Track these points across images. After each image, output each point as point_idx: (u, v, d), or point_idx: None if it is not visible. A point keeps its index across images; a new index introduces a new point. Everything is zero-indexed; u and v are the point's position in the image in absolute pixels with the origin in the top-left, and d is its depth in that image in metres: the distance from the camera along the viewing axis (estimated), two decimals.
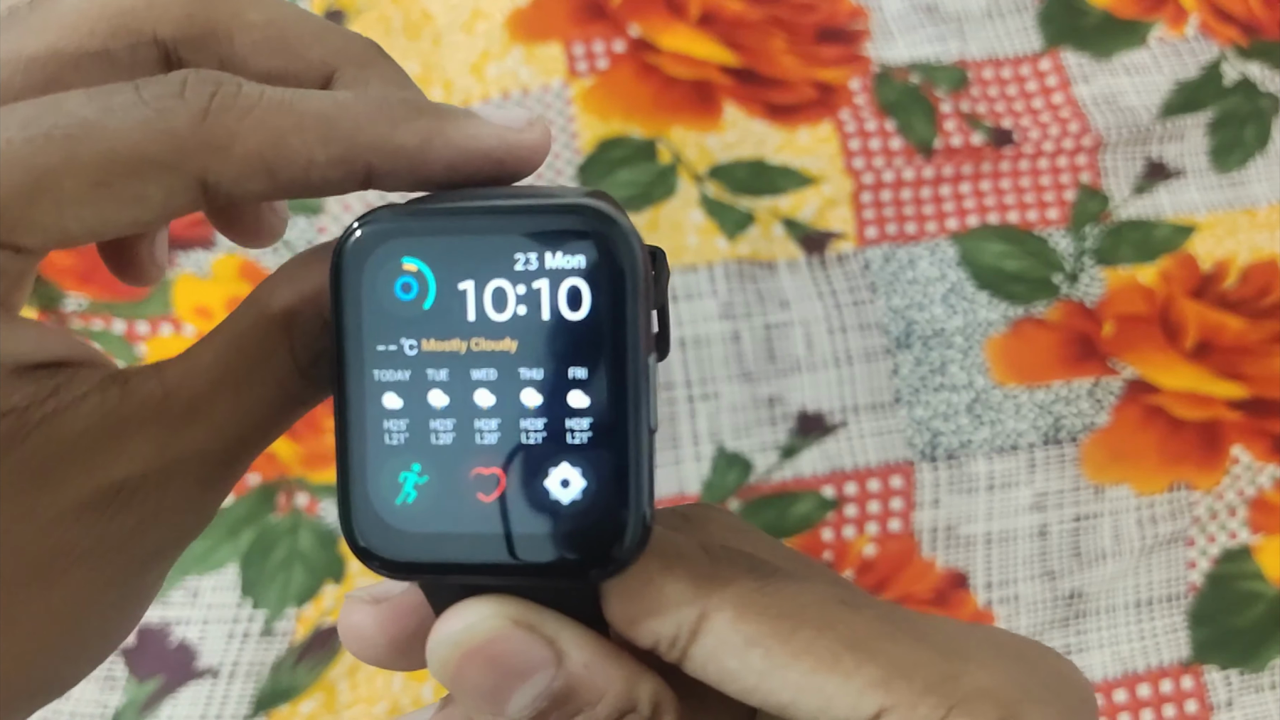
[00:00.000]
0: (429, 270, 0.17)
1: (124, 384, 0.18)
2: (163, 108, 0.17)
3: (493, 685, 0.17)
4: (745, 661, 0.18)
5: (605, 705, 0.18)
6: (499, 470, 0.17)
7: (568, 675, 0.18)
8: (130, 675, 0.47)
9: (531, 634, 0.18)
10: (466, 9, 0.61)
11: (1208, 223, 0.58)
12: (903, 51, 0.61)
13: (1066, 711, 0.18)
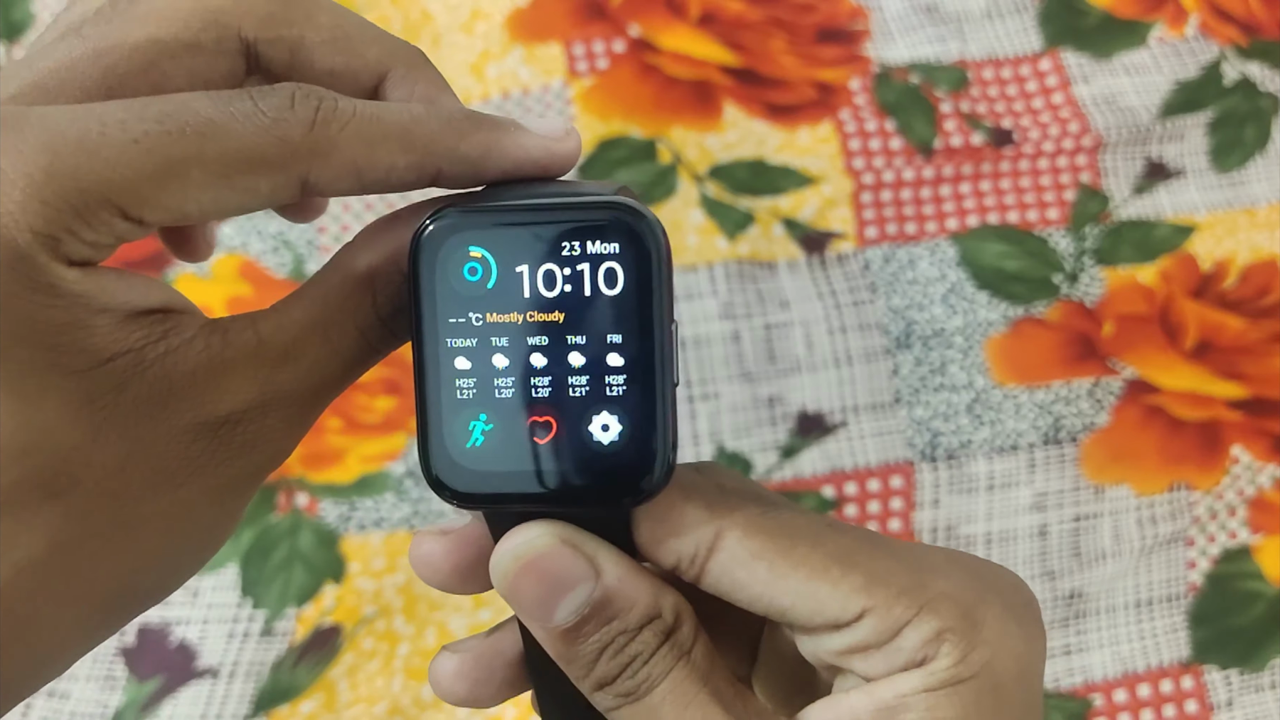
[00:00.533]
0: (491, 256, 0.21)
1: (224, 332, 0.20)
2: (278, 117, 0.20)
3: (543, 595, 0.21)
4: (752, 572, 0.22)
5: (635, 613, 0.21)
6: (552, 418, 0.21)
7: (604, 588, 0.21)
8: (130, 675, 0.47)
9: (575, 552, 0.21)
10: (466, 9, 0.61)
11: (1208, 223, 0.58)
12: (903, 52, 0.61)
13: (1013, 609, 0.22)
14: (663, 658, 0.21)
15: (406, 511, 0.50)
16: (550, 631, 0.21)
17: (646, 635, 0.21)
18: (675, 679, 0.21)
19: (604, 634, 0.21)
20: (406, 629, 0.49)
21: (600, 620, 0.21)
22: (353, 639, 0.49)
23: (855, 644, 0.22)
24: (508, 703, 0.47)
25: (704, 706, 0.21)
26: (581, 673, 0.22)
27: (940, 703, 0.21)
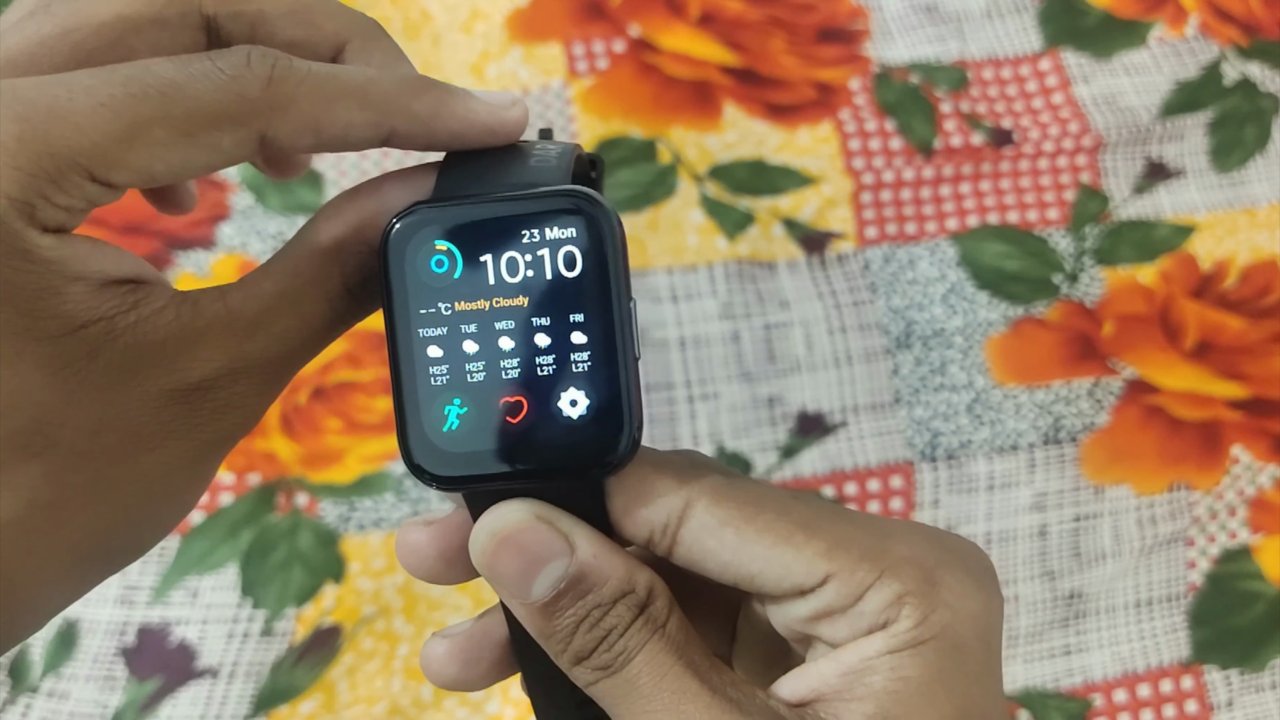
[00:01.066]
0: (456, 249, 0.21)
1: (194, 303, 0.21)
2: (235, 75, 0.21)
3: (520, 569, 0.22)
4: (720, 539, 0.22)
5: (609, 588, 0.22)
6: (522, 398, 0.21)
7: (579, 563, 0.22)
8: (130, 675, 0.47)
9: (550, 527, 0.22)
10: (466, 9, 0.61)
11: (1208, 223, 0.58)
12: (903, 51, 0.61)
13: (972, 572, 0.23)
14: (638, 631, 0.22)
15: (406, 511, 0.50)
16: (529, 607, 0.22)
17: (620, 609, 0.22)
18: (651, 651, 0.22)
19: (579, 608, 0.22)
20: (406, 629, 0.49)
21: (575, 594, 0.22)
22: (352, 639, 0.49)
23: (820, 609, 0.22)
24: (507, 703, 0.47)
25: (680, 678, 0.22)
26: (560, 648, 0.22)
27: (904, 663, 0.22)
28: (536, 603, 0.22)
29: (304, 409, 0.52)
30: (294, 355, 0.23)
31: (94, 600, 0.48)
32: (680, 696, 0.22)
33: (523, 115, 0.24)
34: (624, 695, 0.22)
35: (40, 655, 0.47)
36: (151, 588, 0.49)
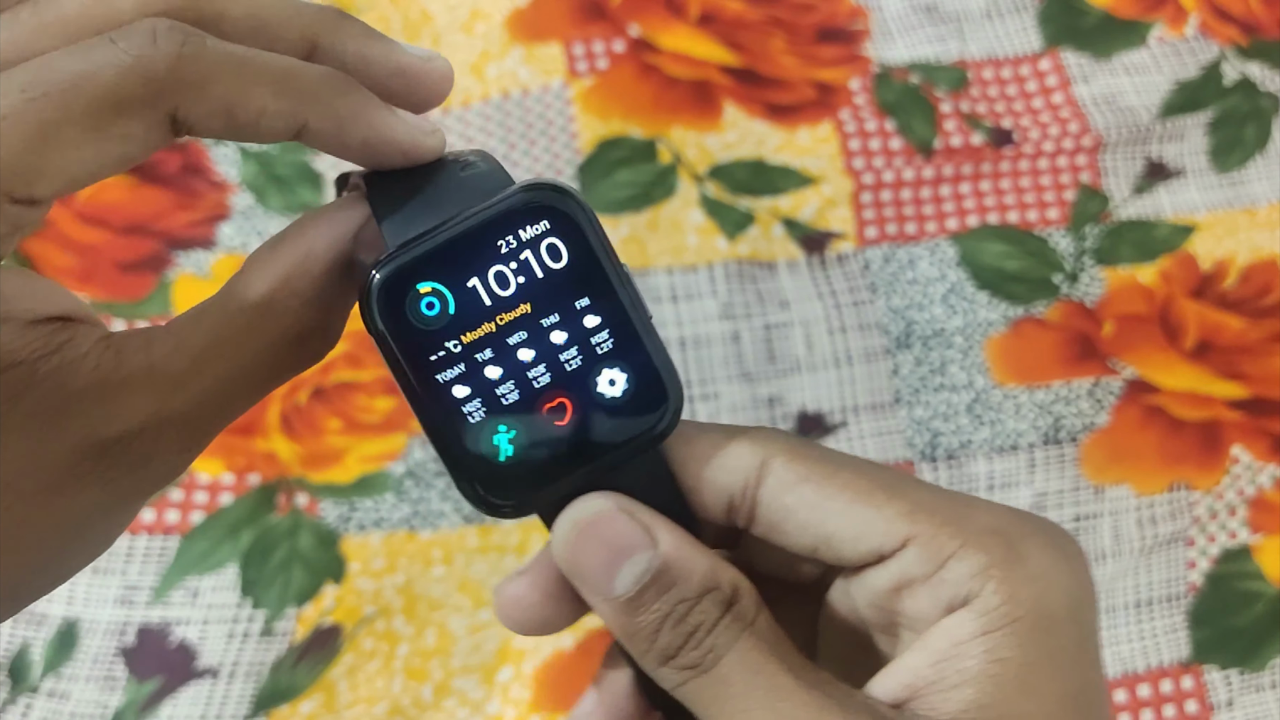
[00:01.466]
0: (442, 286, 0.21)
1: (118, 351, 0.20)
2: (140, 54, 0.19)
3: (604, 562, 0.22)
4: (799, 495, 0.22)
5: (694, 582, 0.21)
6: (562, 399, 0.22)
7: (663, 556, 0.21)
8: (130, 675, 0.47)
9: (632, 519, 0.22)
10: (466, 9, 0.61)
11: (1207, 222, 0.58)
12: (902, 51, 0.61)
13: (1058, 546, 0.22)
14: (727, 628, 0.21)
15: (406, 511, 0.50)
16: (612, 604, 0.22)
17: (707, 605, 0.21)
18: (742, 649, 0.21)
19: (664, 602, 0.21)
20: (406, 629, 0.49)
21: (660, 588, 0.21)
22: (353, 639, 0.49)
23: (900, 577, 0.22)
24: (507, 703, 0.47)
25: (774, 675, 0.21)
26: (644, 646, 0.22)
27: (998, 645, 0.21)
28: (620, 598, 0.21)
29: (304, 409, 0.52)
30: (221, 412, 0.22)
31: (94, 600, 0.48)
32: (775, 694, 0.21)
33: (439, 145, 0.23)
34: (715, 696, 0.21)
35: (40, 655, 0.47)
36: (151, 588, 0.49)
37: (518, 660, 0.48)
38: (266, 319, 0.21)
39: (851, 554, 0.22)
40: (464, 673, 0.48)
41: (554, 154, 0.58)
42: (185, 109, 0.20)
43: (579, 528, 0.22)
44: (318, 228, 0.22)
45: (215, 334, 0.21)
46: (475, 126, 0.59)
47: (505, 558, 0.50)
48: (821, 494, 0.22)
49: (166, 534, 0.50)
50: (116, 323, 0.53)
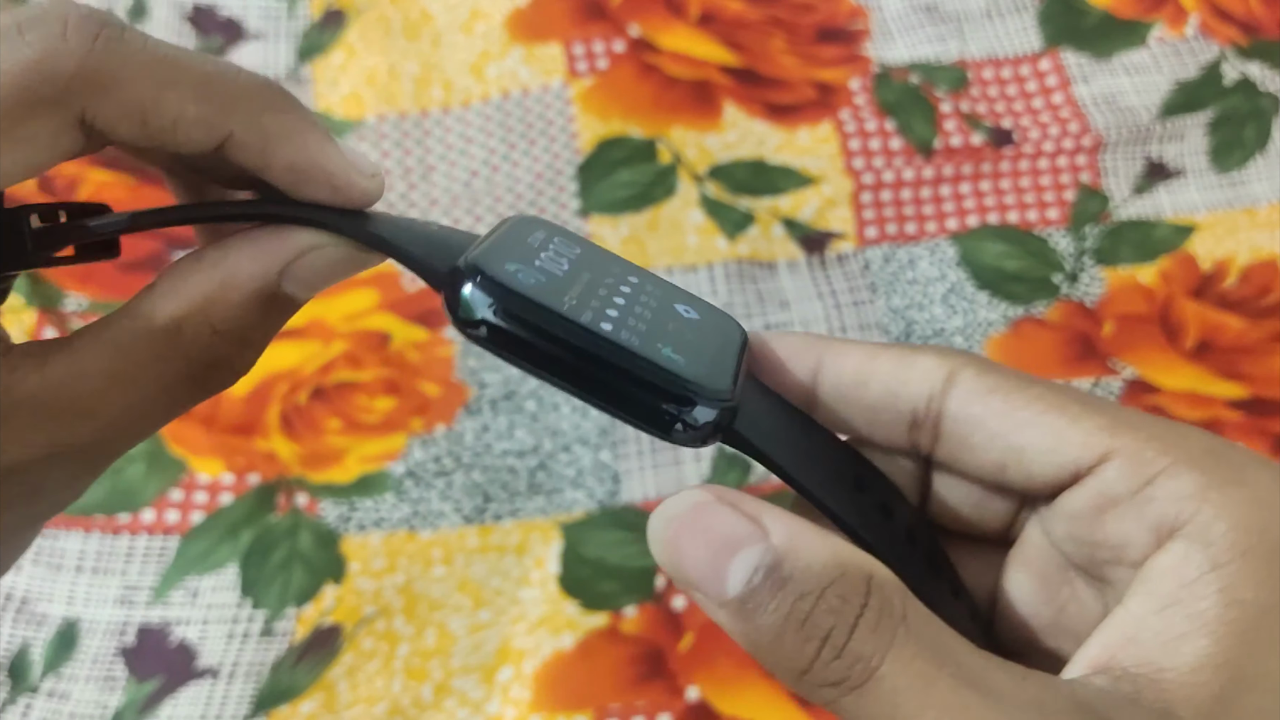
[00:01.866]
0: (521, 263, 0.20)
1: (11, 372, 0.19)
2: (46, 48, 0.18)
3: (709, 559, 0.18)
4: (988, 405, 0.20)
5: (814, 575, 0.18)
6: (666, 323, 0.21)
7: (775, 548, 0.18)
8: (130, 675, 0.47)
9: (735, 509, 0.19)
10: (466, 9, 0.61)
11: (1207, 222, 0.58)
12: (903, 51, 0.61)
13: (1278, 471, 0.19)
14: (873, 631, 0.18)
15: (406, 511, 0.50)
16: (727, 609, 0.18)
17: (832, 600, 0.18)
18: (902, 657, 0.18)
19: (780, 600, 0.18)
20: (406, 629, 0.49)
21: (774, 584, 0.18)
22: (353, 639, 0.49)
23: (1101, 497, 0.19)
24: (507, 703, 0.47)
25: (950, 687, 0.17)
26: (772, 659, 0.18)
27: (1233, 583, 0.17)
28: (734, 601, 0.18)
29: (304, 409, 0.52)
30: (119, 442, 0.20)
31: (94, 600, 0.48)
32: (959, 712, 0.17)
33: (378, 190, 0.21)
34: (878, 716, 0.18)
35: (40, 655, 0.47)
36: (151, 588, 0.49)
37: (518, 660, 0.48)
38: (174, 346, 0.20)
39: (1044, 471, 0.20)
40: (464, 673, 0.48)
41: (554, 154, 0.58)
42: (94, 110, 0.18)
43: (674, 524, 0.19)
44: (243, 254, 0.20)
45: (117, 359, 0.19)
46: (475, 126, 0.59)
47: (505, 558, 0.50)
48: (1012, 404, 0.20)
49: (166, 534, 0.50)
50: None
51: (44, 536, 0.49)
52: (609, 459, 0.51)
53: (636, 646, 0.48)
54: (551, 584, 0.49)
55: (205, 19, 0.60)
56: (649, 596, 0.49)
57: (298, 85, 0.59)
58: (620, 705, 0.47)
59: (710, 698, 0.48)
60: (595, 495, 0.51)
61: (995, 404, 0.20)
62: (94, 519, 0.50)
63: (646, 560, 0.50)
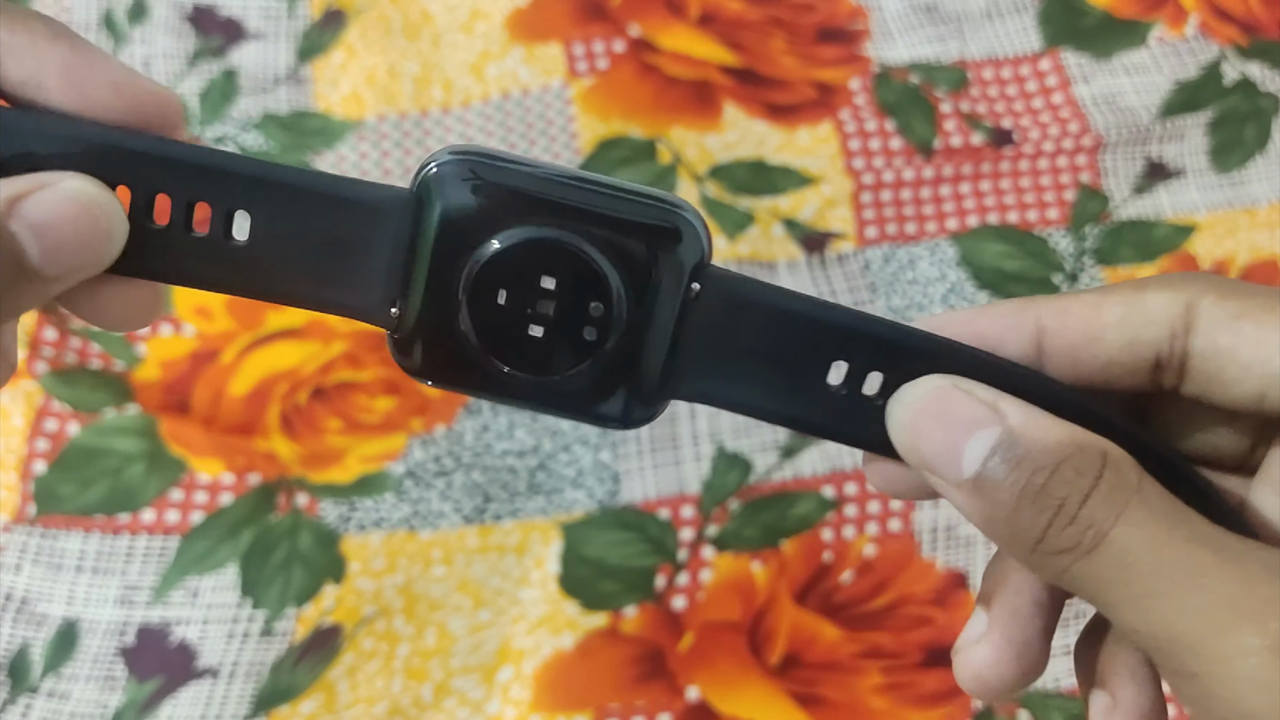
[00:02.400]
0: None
1: None
2: None
3: (947, 440, 0.19)
4: (1238, 333, 0.19)
5: (1049, 451, 0.19)
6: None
7: (1011, 428, 0.19)
8: (130, 675, 0.47)
9: (971, 395, 0.20)
10: (466, 9, 0.61)
11: (1208, 222, 0.58)
12: (903, 51, 0.61)
13: None
14: (1106, 498, 0.18)
15: (406, 512, 0.50)
16: (963, 489, 0.19)
17: (1067, 473, 0.18)
18: (1135, 520, 0.18)
19: (1016, 475, 0.19)
20: (406, 629, 0.49)
21: (1009, 462, 0.19)
22: (353, 639, 0.49)
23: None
24: (507, 703, 0.47)
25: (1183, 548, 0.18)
26: (1005, 533, 0.19)
27: None
28: (970, 479, 0.19)
29: (304, 409, 0.52)
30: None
31: (94, 600, 0.48)
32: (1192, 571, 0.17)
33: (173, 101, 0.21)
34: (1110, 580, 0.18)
35: (40, 655, 0.47)
36: (151, 588, 0.49)
37: (518, 660, 0.48)
38: None
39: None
40: (464, 673, 0.48)
41: (554, 154, 0.58)
42: None
43: (915, 408, 0.20)
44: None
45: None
46: (475, 126, 0.59)
47: (505, 558, 0.50)
48: (1264, 328, 0.19)
49: (166, 534, 0.50)
50: None
51: (44, 536, 0.49)
52: (609, 459, 0.51)
53: (636, 646, 0.48)
54: (551, 584, 0.49)
55: (205, 19, 0.60)
56: (649, 596, 0.49)
57: (298, 85, 0.59)
58: (620, 705, 0.47)
59: (710, 698, 0.48)
60: (595, 495, 0.51)
61: (1246, 331, 0.19)
62: (94, 519, 0.50)
63: (646, 560, 0.50)
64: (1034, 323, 0.21)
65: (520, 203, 0.21)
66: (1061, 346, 0.21)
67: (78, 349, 0.52)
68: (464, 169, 0.21)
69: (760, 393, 0.22)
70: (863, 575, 0.50)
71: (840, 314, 0.22)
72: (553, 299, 0.21)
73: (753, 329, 0.22)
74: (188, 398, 0.52)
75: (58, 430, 0.51)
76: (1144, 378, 0.21)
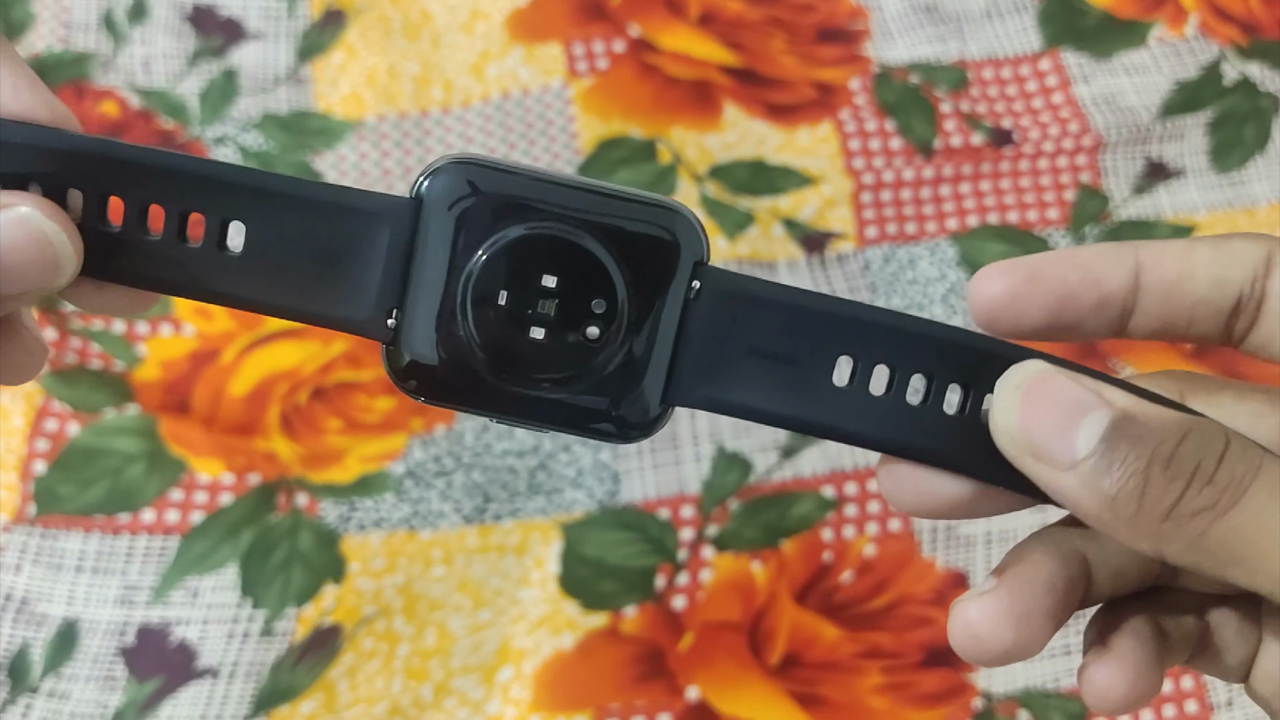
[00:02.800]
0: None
1: None
2: None
3: (1058, 423, 0.19)
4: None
5: (1171, 428, 0.19)
6: None
7: (1122, 410, 0.19)
8: (130, 675, 0.47)
9: (1077, 380, 0.20)
10: (466, 9, 0.61)
11: (1207, 222, 0.58)
12: (903, 51, 0.61)
13: None
14: (1240, 457, 0.18)
15: (406, 512, 0.50)
16: (1079, 471, 0.19)
17: (1196, 441, 0.19)
18: (1274, 474, 0.18)
19: (1140, 449, 0.19)
20: (406, 629, 0.49)
21: (1132, 440, 0.19)
22: (353, 639, 0.49)
23: None
24: (507, 703, 0.47)
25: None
26: (1132, 509, 0.19)
27: None
28: (1087, 459, 0.19)
29: (304, 409, 0.52)
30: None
31: (94, 600, 0.48)
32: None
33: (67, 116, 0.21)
34: (1255, 531, 0.18)
35: (40, 655, 0.47)
36: (151, 588, 0.49)
37: (518, 660, 0.48)
38: None
39: None
40: (464, 673, 0.48)
41: (554, 154, 0.58)
42: None
43: (1024, 391, 0.20)
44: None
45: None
46: (475, 126, 0.59)
47: (505, 558, 0.50)
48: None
49: (166, 534, 0.50)
50: (117, 323, 0.53)
51: (44, 536, 0.49)
52: (609, 459, 0.51)
53: (636, 646, 0.48)
54: (551, 584, 0.49)
55: (205, 19, 0.60)
56: (649, 596, 0.49)
57: (298, 85, 0.59)
58: (620, 705, 0.47)
59: (710, 698, 0.48)
60: (595, 495, 0.51)
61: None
62: (94, 519, 0.50)
63: (646, 560, 0.50)
64: (1133, 258, 0.22)
65: (518, 206, 0.21)
66: (1157, 281, 0.21)
67: (78, 349, 0.52)
68: (462, 175, 0.21)
69: (765, 394, 0.22)
70: (863, 575, 0.50)
71: (846, 307, 0.22)
72: (554, 297, 0.21)
73: (755, 327, 0.22)
74: (188, 398, 0.52)
75: (58, 430, 0.51)
76: (1221, 324, 0.21)
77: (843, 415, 0.22)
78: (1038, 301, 0.21)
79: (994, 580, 0.22)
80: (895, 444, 0.22)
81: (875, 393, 0.22)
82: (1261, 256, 0.21)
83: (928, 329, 0.22)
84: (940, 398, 0.22)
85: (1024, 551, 0.22)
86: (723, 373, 0.22)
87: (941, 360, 0.22)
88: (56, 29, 0.59)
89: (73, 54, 0.59)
